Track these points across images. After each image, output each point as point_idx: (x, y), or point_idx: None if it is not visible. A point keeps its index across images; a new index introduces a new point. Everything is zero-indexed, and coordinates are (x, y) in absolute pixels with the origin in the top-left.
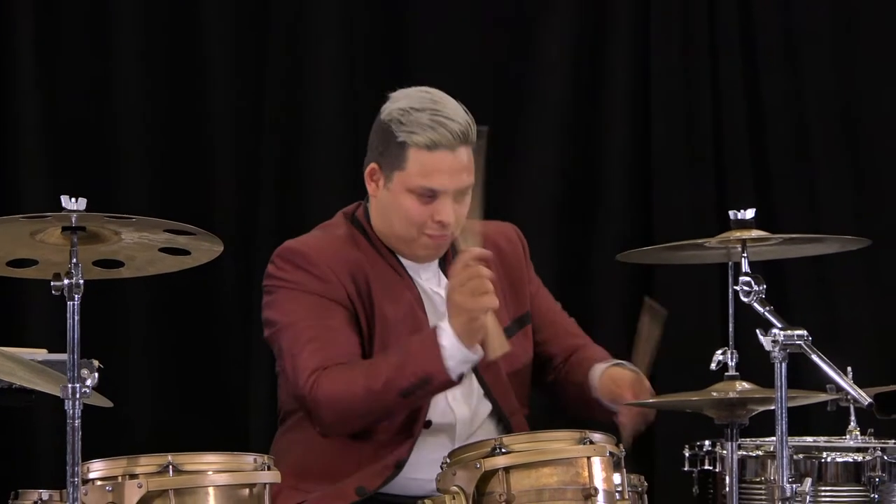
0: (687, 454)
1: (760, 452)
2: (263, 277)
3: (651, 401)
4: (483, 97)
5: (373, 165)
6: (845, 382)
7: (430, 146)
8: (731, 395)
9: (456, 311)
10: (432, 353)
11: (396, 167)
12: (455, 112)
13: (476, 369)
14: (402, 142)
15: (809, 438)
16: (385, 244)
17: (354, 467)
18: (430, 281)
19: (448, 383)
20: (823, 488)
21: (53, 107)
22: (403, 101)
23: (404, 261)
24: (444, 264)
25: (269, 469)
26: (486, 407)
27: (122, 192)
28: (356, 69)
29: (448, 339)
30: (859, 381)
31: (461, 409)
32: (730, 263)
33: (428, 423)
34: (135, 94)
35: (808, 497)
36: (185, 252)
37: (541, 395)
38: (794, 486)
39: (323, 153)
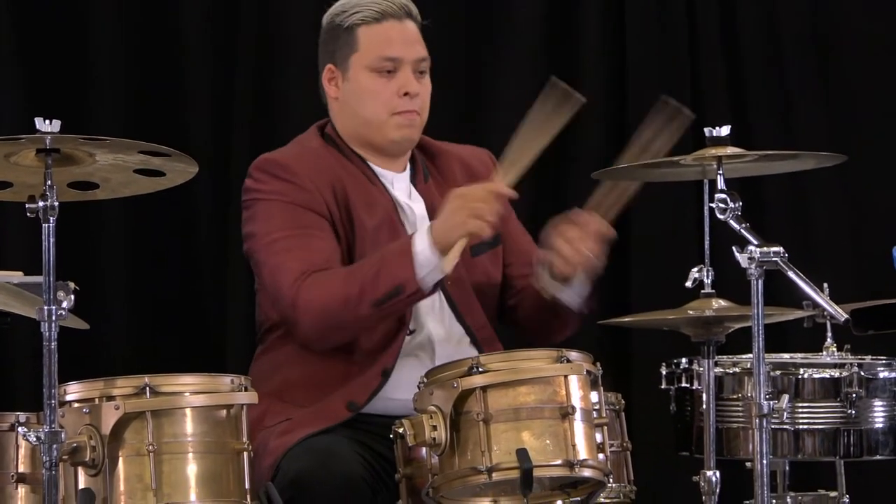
0: (664, 372)
1: (737, 369)
2: (242, 193)
3: (628, 319)
4: (455, 20)
5: (328, 67)
6: (822, 299)
7: (378, 18)
8: (708, 312)
9: (449, 216)
10: (405, 263)
11: (351, 52)
12: None
13: (444, 286)
14: (349, 26)
15: (786, 355)
16: (357, 153)
17: (341, 380)
18: (402, 192)
19: (419, 293)
20: (801, 405)
21: (27, 28)
22: (340, 1)
23: (377, 169)
24: (415, 178)
25: (246, 390)
26: (458, 325)
27: (97, 113)
28: None
29: (422, 247)
30: (835, 298)
31: (436, 325)
32: (705, 181)
33: (412, 332)
34: (109, 14)
35: (785, 413)
36: (160, 173)
37: (503, 322)
38: (771, 402)
39: (297, 73)
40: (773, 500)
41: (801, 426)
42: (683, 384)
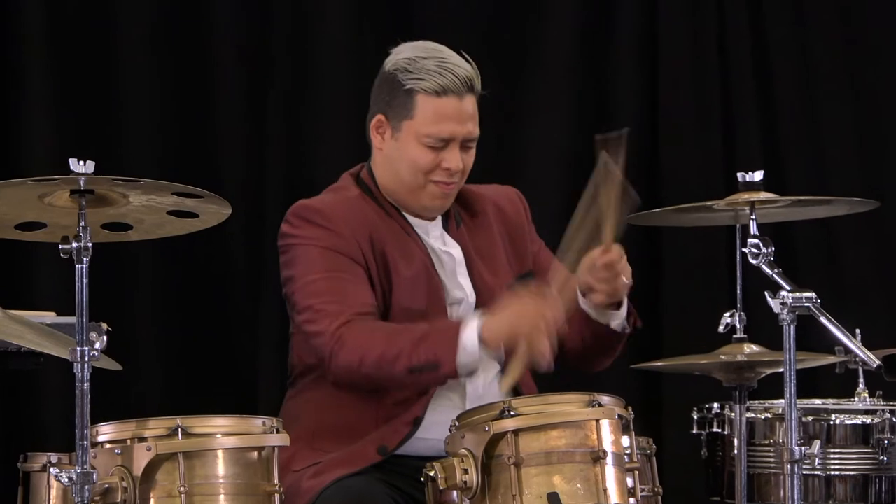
0: (695, 417)
1: (769, 415)
2: (278, 237)
3: (660, 363)
4: (486, 57)
5: (379, 117)
6: (854, 344)
7: (440, 92)
8: (740, 357)
9: (504, 320)
10: (449, 345)
11: (404, 116)
12: (460, 61)
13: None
14: (409, 89)
15: (818, 401)
16: (392, 203)
17: (372, 426)
18: (437, 240)
19: (453, 376)
20: (832, 450)
21: (61, 69)
22: (408, 51)
23: (411, 219)
24: (447, 225)
25: (277, 432)
26: (494, 365)
27: (131, 154)
28: (363, 26)
29: (469, 339)
30: (868, 343)
31: None
32: (738, 225)
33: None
34: (141, 56)
35: (816, 459)
36: (194, 215)
37: None
38: (802, 448)
39: (329, 114)
40: None
41: (832, 472)
42: (715, 429)
